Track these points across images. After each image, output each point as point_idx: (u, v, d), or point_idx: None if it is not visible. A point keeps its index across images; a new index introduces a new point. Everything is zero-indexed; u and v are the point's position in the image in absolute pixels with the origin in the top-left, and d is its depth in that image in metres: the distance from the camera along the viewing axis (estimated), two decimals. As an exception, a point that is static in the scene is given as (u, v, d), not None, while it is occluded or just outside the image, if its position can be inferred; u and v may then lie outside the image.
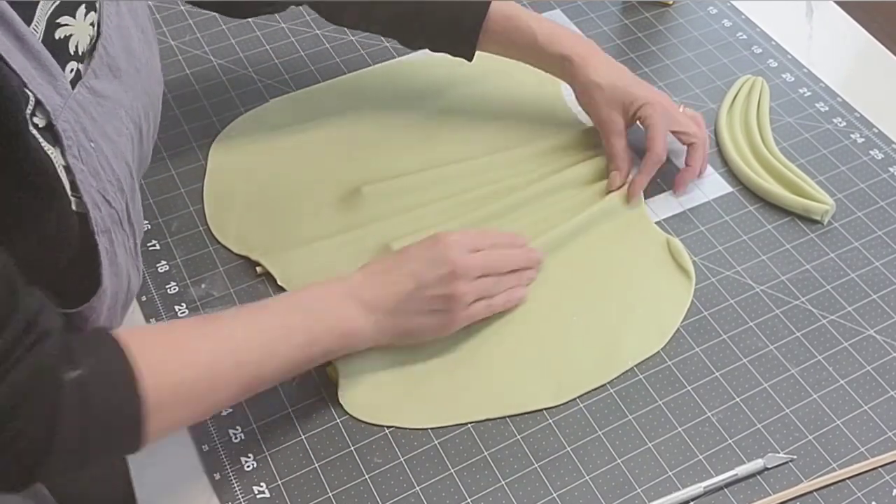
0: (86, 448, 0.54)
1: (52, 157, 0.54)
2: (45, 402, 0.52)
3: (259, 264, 0.80)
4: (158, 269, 0.80)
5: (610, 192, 0.85)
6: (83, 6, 0.57)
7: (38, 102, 0.53)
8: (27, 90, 0.52)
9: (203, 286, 0.79)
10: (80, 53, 0.58)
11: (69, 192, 0.56)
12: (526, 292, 0.77)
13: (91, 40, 0.59)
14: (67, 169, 0.55)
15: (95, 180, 0.58)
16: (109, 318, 0.67)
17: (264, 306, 0.67)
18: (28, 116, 0.52)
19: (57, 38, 0.56)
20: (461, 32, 0.86)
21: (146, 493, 0.68)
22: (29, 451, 0.52)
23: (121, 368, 0.55)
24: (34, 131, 0.53)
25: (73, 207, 0.56)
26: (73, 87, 0.57)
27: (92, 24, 0.58)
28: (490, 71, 0.98)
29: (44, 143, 0.53)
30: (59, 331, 0.54)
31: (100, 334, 0.57)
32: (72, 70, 0.57)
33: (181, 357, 0.60)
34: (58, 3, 0.56)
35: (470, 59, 0.89)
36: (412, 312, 0.70)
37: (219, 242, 0.82)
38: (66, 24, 0.56)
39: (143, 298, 0.78)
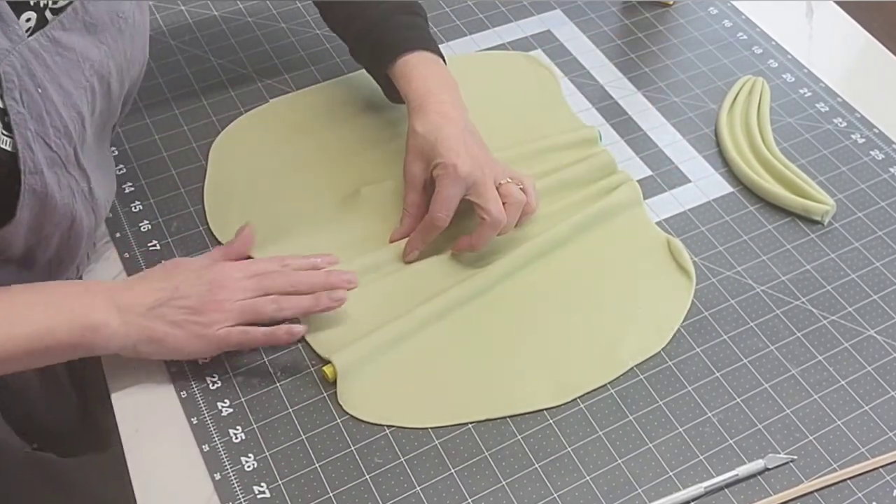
0: None
1: None
2: None
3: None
4: (158, 268, 0.80)
5: (392, 241, 0.81)
6: None
7: None
8: None
9: (203, 286, 0.79)
10: (42, 5, 0.62)
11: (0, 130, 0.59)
12: (318, 310, 0.74)
13: None
14: (3, 111, 0.59)
15: (36, 123, 0.61)
16: (60, 251, 0.72)
17: (6, 289, 0.66)
18: None
19: None
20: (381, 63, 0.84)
21: (146, 494, 0.68)
22: None
23: None
24: None
25: (2, 146, 0.59)
26: (31, 35, 0.61)
27: None
28: (490, 72, 0.98)
29: None
30: None
31: None
32: (28, 19, 0.61)
33: None
34: None
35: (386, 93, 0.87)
36: (162, 320, 0.69)
37: (219, 242, 0.82)
38: None
39: (143, 298, 0.78)
